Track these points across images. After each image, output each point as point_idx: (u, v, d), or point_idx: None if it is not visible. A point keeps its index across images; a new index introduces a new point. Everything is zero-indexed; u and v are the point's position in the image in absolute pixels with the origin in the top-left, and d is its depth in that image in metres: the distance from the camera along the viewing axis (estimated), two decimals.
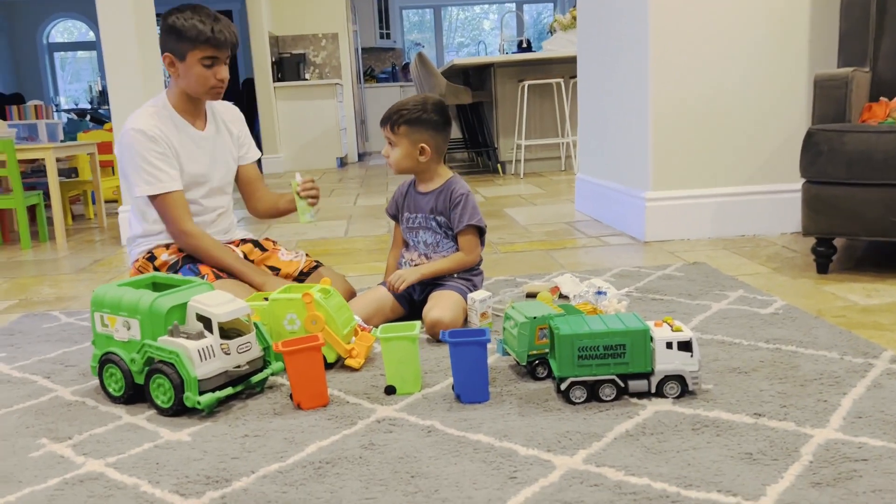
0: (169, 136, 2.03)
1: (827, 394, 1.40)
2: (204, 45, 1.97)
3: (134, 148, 1.99)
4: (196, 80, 2.01)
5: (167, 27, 1.99)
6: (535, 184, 5.42)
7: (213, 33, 1.96)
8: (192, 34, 1.95)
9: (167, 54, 2.01)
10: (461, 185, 2.06)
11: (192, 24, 1.95)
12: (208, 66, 2.00)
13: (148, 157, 1.99)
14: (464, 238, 2.04)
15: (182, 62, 2.00)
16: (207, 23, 1.96)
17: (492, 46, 11.89)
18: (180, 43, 1.97)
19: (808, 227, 2.32)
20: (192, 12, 1.98)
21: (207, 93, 2.05)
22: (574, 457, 1.21)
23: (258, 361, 1.58)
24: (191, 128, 2.10)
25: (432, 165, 2.06)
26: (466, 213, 2.01)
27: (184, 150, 2.06)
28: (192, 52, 1.97)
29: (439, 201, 2.04)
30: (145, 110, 2.06)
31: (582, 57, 3.91)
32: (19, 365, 1.88)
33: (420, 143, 2.01)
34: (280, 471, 1.22)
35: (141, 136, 1.99)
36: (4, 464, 1.31)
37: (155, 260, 2.06)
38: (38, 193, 4.13)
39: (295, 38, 9.01)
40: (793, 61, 2.97)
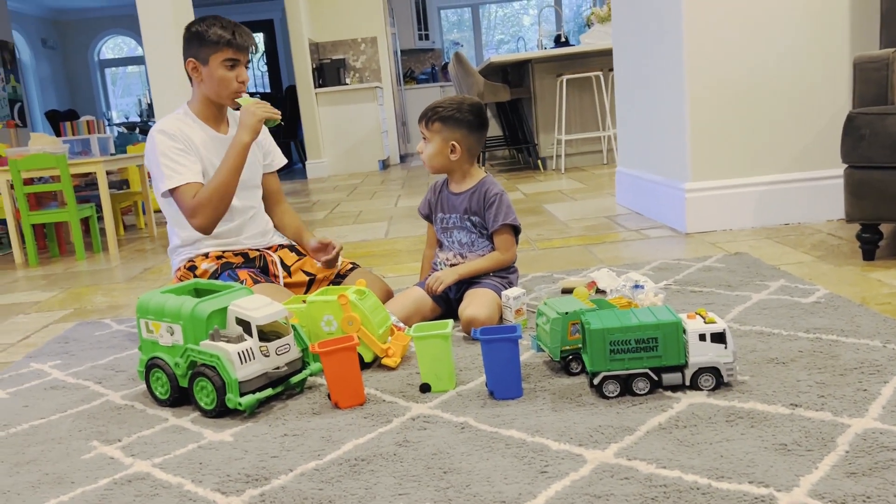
0: (190, 135, 2.11)
1: (867, 383, 1.38)
2: (225, 48, 2.07)
3: (156, 147, 2.07)
4: (219, 83, 2.10)
5: (190, 35, 2.10)
6: (576, 178, 5.39)
7: (234, 36, 2.08)
8: (215, 38, 2.06)
9: (190, 59, 2.11)
10: (495, 185, 2.07)
11: (214, 30, 2.07)
12: (230, 68, 2.09)
13: (167, 153, 2.06)
14: (499, 237, 2.05)
15: (205, 66, 2.09)
16: (228, 28, 2.09)
17: (532, 42, 11.83)
18: (203, 47, 2.08)
19: (852, 213, 2.26)
20: (213, 19, 2.10)
21: (229, 96, 2.13)
22: (606, 451, 1.22)
23: (297, 363, 1.62)
24: (212, 130, 2.18)
25: (464, 165, 2.08)
26: (501, 213, 2.03)
27: (205, 149, 2.13)
28: (215, 56, 2.08)
29: (473, 201, 2.06)
30: (167, 118, 2.16)
31: (618, 48, 3.88)
32: (73, 371, 1.96)
33: (451, 140, 2.03)
34: (317, 468, 1.26)
35: (161, 135, 2.08)
36: (59, 466, 1.38)
37: (195, 270, 2.13)
38: (91, 206, 4.28)
39: (335, 43, 9.12)
40: (832, 43, 2.90)
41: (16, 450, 1.47)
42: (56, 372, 1.97)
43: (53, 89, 11.42)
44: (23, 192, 3.93)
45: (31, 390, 1.84)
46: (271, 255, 2.21)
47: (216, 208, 2.05)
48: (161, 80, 3.84)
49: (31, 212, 4.02)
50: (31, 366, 2.05)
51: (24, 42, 10.65)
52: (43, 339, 2.36)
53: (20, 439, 1.53)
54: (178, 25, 3.80)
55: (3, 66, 8.58)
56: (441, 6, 11.92)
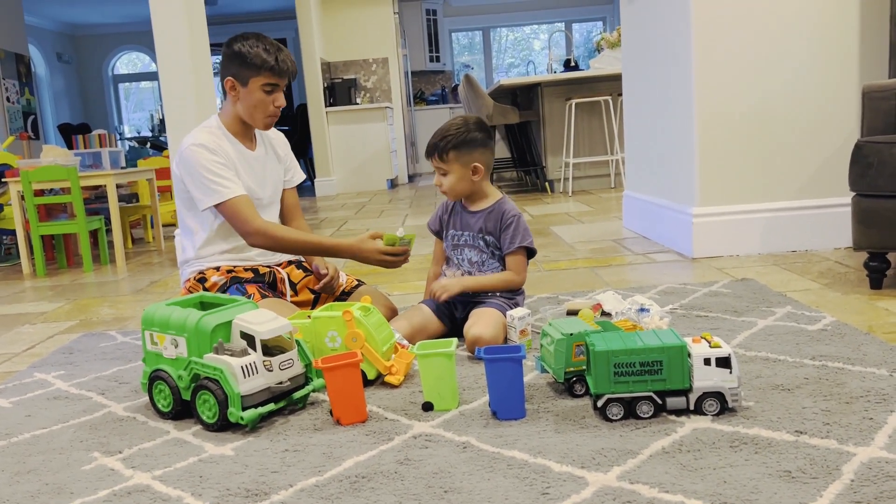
0: (225, 150, 2.11)
1: (873, 411, 1.37)
2: (267, 73, 2.05)
3: (197, 161, 2.05)
4: (255, 106, 2.09)
5: (232, 53, 2.06)
6: (583, 201, 5.39)
7: (276, 62, 2.05)
8: (258, 61, 2.03)
9: (230, 78, 2.08)
10: (512, 207, 2.07)
11: (257, 52, 2.03)
12: (268, 93, 2.08)
13: (210, 168, 2.05)
14: (513, 259, 2.04)
15: (244, 87, 2.07)
16: (272, 52, 2.05)
17: (542, 66, 11.91)
18: (244, 69, 2.05)
19: (860, 241, 2.26)
20: (256, 40, 2.06)
21: (263, 119, 2.12)
22: (608, 473, 1.21)
23: (300, 378, 1.62)
24: (242, 147, 2.17)
25: (484, 184, 2.08)
26: (519, 235, 2.02)
27: (240, 162, 2.14)
28: (255, 79, 2.05)
29: (489, 221, 2.05)
30: (201, 130, 2.14)
31: (627, 73, 3.90)
32: (76, 382, 1.96)
33: (472, 163, 2.02)
34: (317, 485, 1.25)
35: (202, 149, 2.06)
36: (59, 476, 1.37)
37: (205, 282, 2.13)
38: (100, 218, 4.30)
39: (346, 63, 9.20)
40: (841, 72, 2.91)
41: (17, 459, 1.47)
42: (59, 382, 1.97)
43: (67, 103, 11.54)
44: (33, 202, 3.96)
45: (34, 400, 1.84)
46: (280, 273, 2.22)
47: (275, 246, 2.10)
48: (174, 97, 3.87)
49: (41, 223, 4.04)
50: (35, 376, 2.05)
51: (39, 56, 10.78)
52: (48, 350, 2.36)
53: (21, 449, 1.53)
54: (192, 43, 3.84)
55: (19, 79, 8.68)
56: (452, 29, 12.03)
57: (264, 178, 2.22)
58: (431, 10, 11.20)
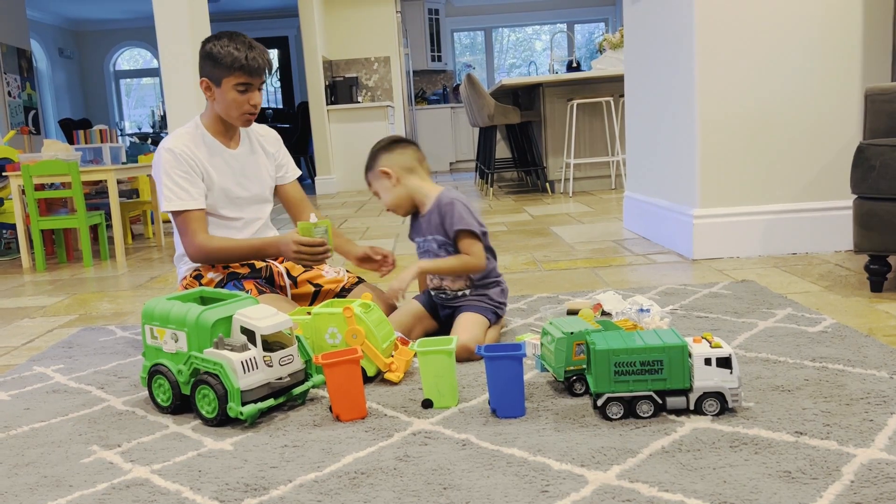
0: (198, 154, 2.11)
1: (873, 413, 1.37)
2: (238, 72, 2.04)
3: (162, 166, 2.08)
4: (230, 105, 2.09)
5: (205, 53, 2.08)
6: (583, 202, 5.39)
7: (246, 60, 2.04)
8: (228, 61, 2.03)
9: (204, 79, 2.10)
10: (447, 196, 2.00)
11: (227, 52, 2.03)
12: (242, 92, 2.07)
13: (172, 176, 2.07)
14: (461, 244, 1.97)
15: (218, 87, 2.08)
16: (242, 50, 2.04)
17: (543, 67, 11.91)
18: (216, 69, 2.06)
19: (861, 244, 2.25)
20: (228, 39, 2.05)
21: (240, 118, 2.12)
22: (608, 472, 1.21)
23: (300, 374, 1.61)
24: (222, 147, 2.17)
25: (413, 184, 2.03)
26: (455, 220, 1.95)
27: (214, 167, 2.14)
28: (227, 79, 2.05)
29: (433, 220, 2.01)
30: (179, 132, 2.16)
31: (629, 74, 3.90)
32: (76, 376, 1.96)
33: (379, 172, 2.04)
34: (316, 480, 1.25)
35: (169, 154, 2.08)
36: (57, 469, 1.37)
37: (202, 279, 2.13)
38: (100, 213, 4.30)
39: (348, 62, 9.20)
40: (844, 74, 2.91)
41: (15, 452, 1.47)
42: (58, 376, 1.97)
43: (68, 98, 11.53)
44: (33, 197, 3.96)
45: (33, 393, 1.84)
46: (277, 267, 2.21)
47: (209, 260, 2.12)
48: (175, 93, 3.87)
49: (41, 217, 4.04)
50: (34, 369, 2.05)
51: (41, 51, 10.77)
52: (47, 344, 2.36)
53: (20, 441, 1.52)
54: (194, 40, 3.84)
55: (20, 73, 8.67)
56: (454, 29, 12.03)
57: (245, 174, 2.21)
58: (433, 9, 11.20)
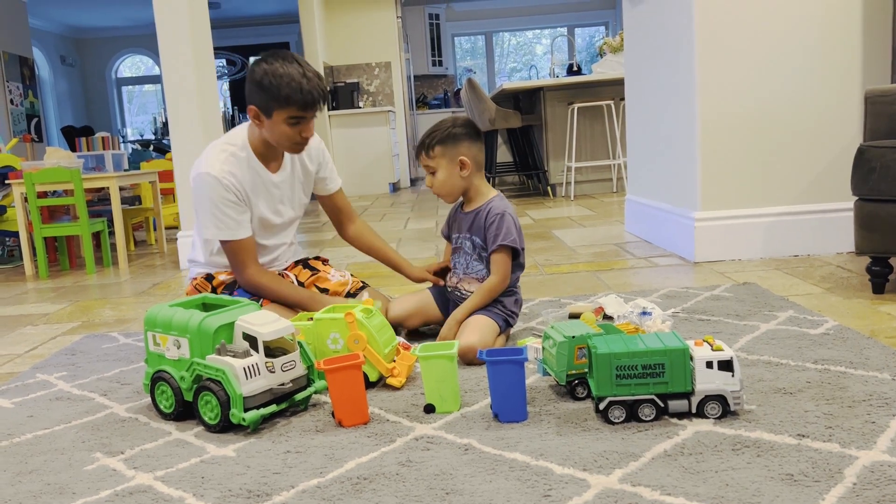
0: (242, 181, 2.01)
1: (875, 415, 1.36)
2: (292, 107, 1.90)
3: (207, 193, 1.97)
4: (280, 137, 1.96)
5: (255, 81, 1.91)
6: (585, 206, 5.39)
7: (301, 94, 1.88)
8: (282, 94, 1.87)
9: (253, 107, 1.94)
10: (499, 205, 2.00)
11: (281, 83, 1.87)
12: (294, 125, 1.94)
13: (220, 205, 1.97)
14: (495, 257, 1.97)
15: (268, 119, 1.94)
16: (297, 79, 1.87)
17: (544, 71, 11.93)
18: (267, 99, 1.90)
19: (862, 245, 2.25)
20: (282, 65, 1.88)
21: (290, 147, 2.01)
22: (610, 476, 1.21)
23: (302, 379, 1.62)
24: (265, 171, 2.06)
25: (475, 181, 2.03)
26: (501, 233, 1.95)
27: (255, 194, 2.05)
28: (279, 112, 1.91)
29: (477, 221, 2.01)
30: (221, 151, 2.01)
31: (630, 78, 3.90)
32: (79, 383, 1.97)
33: (458, 157, 1.98)
34: (319, 486, 1.25)
35: (215, 183, 1.96)
36: (61, 476, 1.37)
37: (213, 280, 2.14)
38: (102, 220, 4.31)
39: (349, 67, 9.22)
40: (844, 76, 2.91)
41: (19, 459, 1.47)
42: (62, 383, 1.98)
43: (70, 105, 11.57)
44: (36, 204, 3.97)
45: (37, 401, 1.84)
46: (288, 274, 2.22)
47: (256, 292, 2.04)
48: (176, 100, 3.88)
49: (44, 224, 4.05)
50: (38, 377, 2.06)
51: (43, 59, 10.81)
52: (50, 351, 2.37)
53: (23, 449, 1.53)
54: (196, 46, 3.85)
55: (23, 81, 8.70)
56: (455, 33, 12.05)
57: (283, 201, 2.14)
58: (434, 14, 11.22)
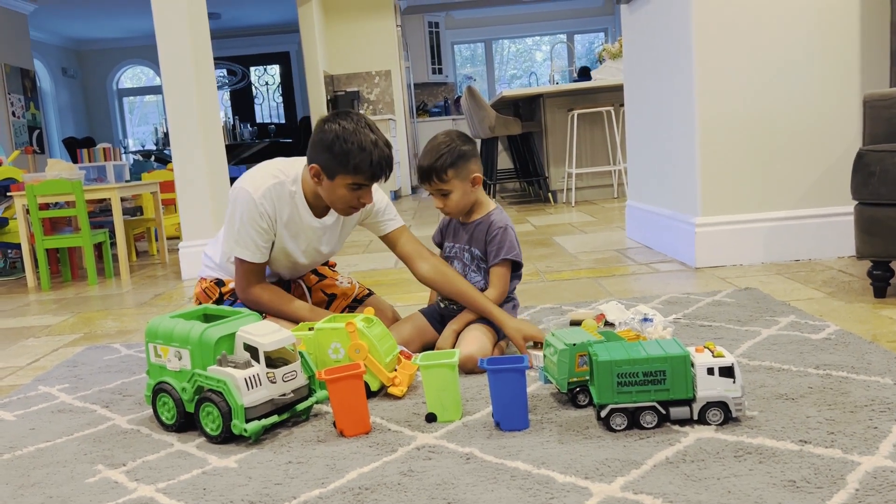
0: (279, 213, 1.97)
1: (878, 420, 1.36)
2: (359, 176, 1.86)
3: (240, 210, 1.95)
4: (337, 199, 1.92)
5: (325, 143, 1.86)
6: (586, 212, 5.40)
7: (371, 167, 1.84)
8: (353, 163, 1.83)
9: (315, 167, 1.89)
10: (501, 218, 2.02)
11: (352, 151, 1.83)
12: (354, 191, 1.90)
13: (248, 225, 1.94)
14: (495, 271, 1.99)
15: (329, 181, 1.89)
16: (368, 149, 1.83)
17: (544, 77, 11.95)
18: (333, 164, 1.86)
19: (863, 250, 2.25)
20: (354, 130, 1.84)
21: (344, 210, 1.97)
22: (612, 484, 1.20)
23: (303, 390, 1.62)
24: (309, 215, 2.01)
25: (479, 194, 2.05)
26: (504, 248, 1.97)
27: (289, 228, 2.01)
28: (343, 177, 1.87)
29: (477, 232, 2.02)
30: (269, 175, 1.97)
31: (629, 84, 3.91)
32: (80, 395, 1.97)
33: (470, 175, 1.98)
34: (321, 496, 1.25)
35: (252, 204, 1.93)
36: (63, 489, 1.37)
37: (223, 286, 2.14)
38: (104, 231, 4.32)
39: (349, 76, 9.24)
40: (843, 81, 2.92)
41: (21, 472, 1.47)
42: (64, 395, 1.98)
43: (72, 117, 11.60)
44: (38, 216, 3.98)
45: (39, 413, 1.85)
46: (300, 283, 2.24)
47: (255, 307, 2.00)
48: (178, 110, 3.90)
49: (46, 236, 4.06)
50: (40, 389, 2.06)
51: (44, 70, 10.86)
52: (52, 363, 2.37)
53: (26, 462, 1.53)
54: (196, 57, 3.87)
55: (24, 93, 8.73)
56: (455, 41, 12.08)
57: (318, 243, 2.08)
58: (434, 22, 11.26)
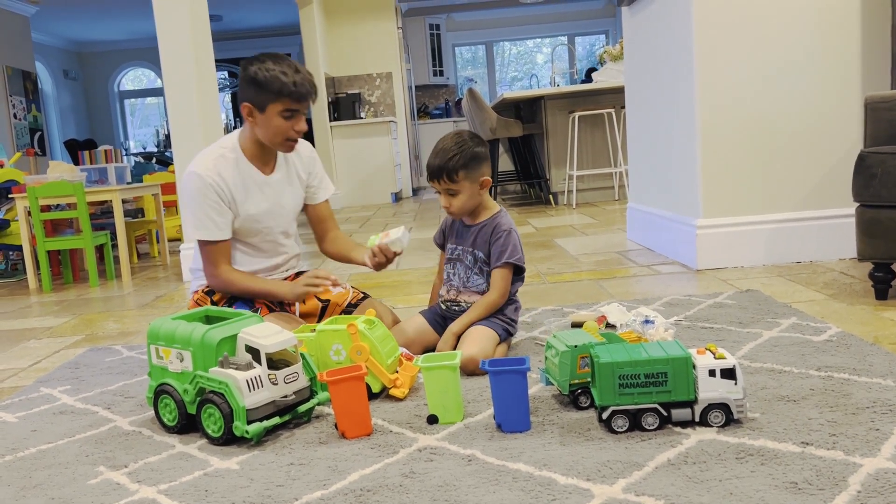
0: (228, 180, 2.04)
1: (879, 422, 1.36)
2: (285, 99, 1.95)
3: (190, 192, 2.04)
4: (274, 131, 2.01)
5: (248, 78, 1.97)
6: (587, 214, 5.40)
7: (294, 87, 1.94)
8: (275, 87, 1.94)
9: (246, 104, 2.00)
10: (506, 221, 2.02)
11: (273, 76, 1.93)
12: (287, 118, 1.99)
13: (201, 204, 2.02)
14: (497, 273, 1.99)
15: (262, 113, 1.99)
16: (290, 75, 1.94)
17: (545, 79, 11.96)
18: (261, 95, 1.96)
19: (864, 252, 2.25)
20: (273, 63, 1.95)
21: (283, 144, 2.05)
22: (613, 486, 1.20)
23: (305, 391, 1.62)
24: (256, 172, 2.10)
25: (485, 197, 2.06)
26: (507, 251, 1.97)
27: (244, 193, 2.07)
28: (273, 105, 1.96)
29: (481, 234, 2.02)
30: (211, 152, 2.08)
31: (630, 86, 3.91)
32: (82, 396, 1.97)
33: (480, 178, 1.99)
34: (322, 498, 1.25)
35: (199, 181, 2.02)
36: (65, 490, 1.37)
37: (213, 294, 2.14)
38: (105, 233, 4.32)
39: (350, 78, 9.25)
40: (844, 83, 2.92)
41: (23, 474, 1.47)
42: (65, 397, 1.98)
43: (73, 119, 11.62)
44: (39, 218, 3.98)
45: (40, 415, 1.85)
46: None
47: (227, 291, 2.10)
48: (179, 112, 3.91)
49: (47, 238, 4.06)
50: (41, 390, 2.06)
51: (46, 73, 10.87)
52: (54, 365, 2.37)
53: (27, 463, 1.53)
54: (197, 59, 3.88)
55: (25, 95, 8.75)
56: (456, 43, 12.09)
57: (276, 202, 2.15)
58: (434, 24, 11.27)
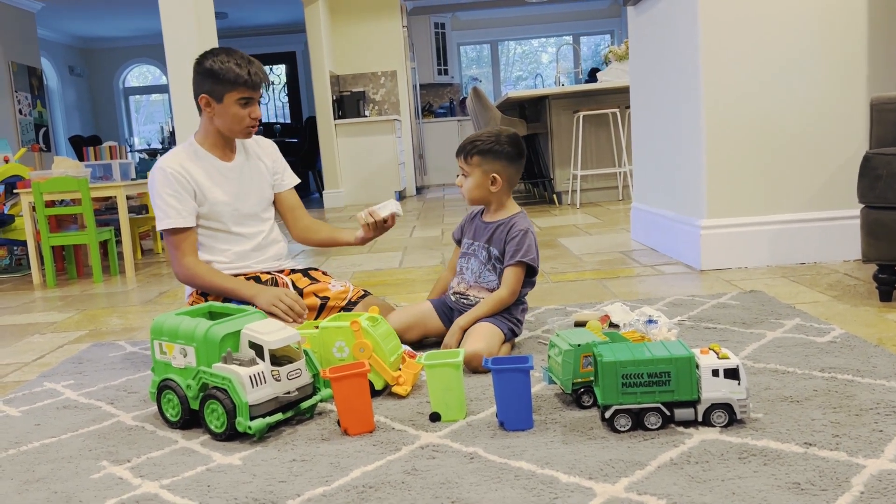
0: (190, 170, 2.15)
1: (883, 423, 1.36)
2: (241, 87, 2.09)
3: (153, 186, 2.14)
4: (232, 119, 2.13)
5: (205, 70, 2.10)
6: (591, 213, 5.39)
7: (249, 76, 2.09)
8: (231, 77, 2.07)
9: (204, 96, 2.13)
10: (524, 223, 2.04)
11: (229, 68, 2.07)
12: (244, 106, 2.12)
13: (162, 195, 2.12)
14: (509, 271, 2.00)
15: (219, 103, 2.12)
16: (243, 66, 2.09)
17: (549, 79, 11.95)
18: (218, 85, 2.09)
19: (868, 253, 2.25)
20: (227, 55, 2.10)
21: (242, 131, 2.17)
22: (616, 485, 1.20)
23: (308, 388, 1.62)
24: (216, 160, 2.21)
25: (502, 197, 2.08)
26: (521, 250, 1.99)
27: (208, 180, 2.17)
28: (230, 94, 2.10)
29: (498, 232, 2.04)
30: (173, 151, 2.20)
31: (635, 85, 3.91)
32: (86, 391, 1.97)
33: (492, 173, 2.02)
34: (324, 494, 1.25)
35: (160, 173, 2.13)
36: (67, 485, 1.38)
37: (208, 296, 2.16)
38: (109, 229, 4.33)
39: (355, 76, 9.25)
40: (849, 84, 2.91)
41: (26, 468, 1.48)
42: (69, 392, 1.98)
43: (78, 115, 11.64)
44: (44, 213, 3.99)
45: (44, 409, 1.85)
46: (283, 279, 2.23)
47: (191, 283, 2.18)
48: (184, 109, 3.92)
49: (52, 234, 4.07)
50: (45, 385, 2.06)
51: (51, 69, 10.89)
52: (57, 359, 2.38)
53: (31, 457, 1.53)
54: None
55: (31, 91, 8.76)
56: (461, 42, 12.09)
57: (242, 186, 2.24)
58: (440, 23, 11.26)
